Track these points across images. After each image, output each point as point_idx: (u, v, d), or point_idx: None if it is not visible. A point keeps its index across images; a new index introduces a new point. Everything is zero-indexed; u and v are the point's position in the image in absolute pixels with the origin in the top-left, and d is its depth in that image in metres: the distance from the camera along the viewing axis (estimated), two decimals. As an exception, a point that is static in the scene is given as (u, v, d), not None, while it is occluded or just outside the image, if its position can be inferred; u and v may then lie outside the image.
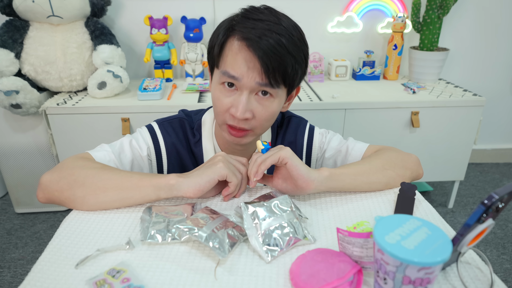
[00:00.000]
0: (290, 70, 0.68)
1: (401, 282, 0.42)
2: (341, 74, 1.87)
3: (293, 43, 0.67)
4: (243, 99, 0.68)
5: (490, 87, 2.12)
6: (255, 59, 0.65)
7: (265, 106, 0.70)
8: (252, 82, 0.67)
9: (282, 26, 0.66)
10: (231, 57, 0.67)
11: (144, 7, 1.77)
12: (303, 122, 0.90)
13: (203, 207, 0.62)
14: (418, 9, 1.77)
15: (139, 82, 1.75)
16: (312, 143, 0.88)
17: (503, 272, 1.47)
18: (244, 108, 0.68)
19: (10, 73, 1.47)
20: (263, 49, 0.64)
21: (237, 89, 0.69)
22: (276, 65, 0.65)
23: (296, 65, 0.69)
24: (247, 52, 0.65)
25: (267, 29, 0.65)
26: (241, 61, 0.66)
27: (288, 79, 0.69)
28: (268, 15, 0.67)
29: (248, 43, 0.65)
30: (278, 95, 0.71)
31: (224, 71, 0.68)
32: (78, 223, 0.62)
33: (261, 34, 0.64)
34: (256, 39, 0.64)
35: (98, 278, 0.49)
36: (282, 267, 0.53)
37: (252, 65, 0.65)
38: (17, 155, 1.64)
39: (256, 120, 0.71)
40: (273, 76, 0.66)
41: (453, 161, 1.73)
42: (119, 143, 0.78)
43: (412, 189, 0.70)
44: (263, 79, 0.66)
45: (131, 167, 0.77)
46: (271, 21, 0.66)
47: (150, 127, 0.83)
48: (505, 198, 0.45)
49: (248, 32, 0.65)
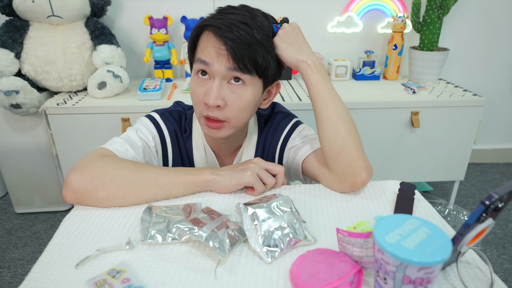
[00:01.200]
0: (260, 60, 0.69)
1: (401, 282, 0.42)
2: (341, 74, 1.87)
3: (265, 35, 0.69)
4: (215, 86, 0.69)
5: (490, 87, 2.12)
6: (222, 46, 0.67)
7: (238, 94, 0.71)
8: (222, 67, 0.68)
9: (255, 19, 0.69)
10: (202, 46, 0.70)
11: (144, 7, 1.77)
12: (288, 117, 0.88)
13: (203, 207, 0.62)
14: (418, 9, 1.77)
15: (139, 82, 1.75)
16: (290, 138, 0.85)
17: (503, 272, 1.47)
18: (215, 94, 0.69)
19: (10, 73, 1.47)
20: (230, 37, 0.66)
21: (210, 77, 0.71)
22: (244, 52, 0.67)
23: (269, 56, 0.70)
24: (215, 39, 0.67)
25: (238, 20, 0.67)
26: (211, 48, 0.68)
27: (260, 69, 0.70)
28: (242, 10, 0.70)
29: (217, 31, 0.67)
30: (252, 83, 0.71)
31: (198, 58, 0.71)
32: (78, 223, 0.62)
33: (230, 24, 0.66)
34: (225, 28, 0.66)
35: (98, 279, 0.49)
36: (282, 267, 0.53)
37: (221, 52, 0.67)
38: (17, 155, 1.64)
39: (229, 109, 0.71)
40: (242, 62, 0.67)
41: (453, 161, 1.73)
42: (125, 136, 0.78)
43: (412, 189, 0.70)
44: (232, 63, 0.68)
45: (143, 156, 0.79)
46: (244, 15, 0.68)
47: (152, 117, 0.84)
48: (505, 198, 0.45)
49: (218, 23, 0.67)
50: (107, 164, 0.67)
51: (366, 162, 0.71)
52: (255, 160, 0.73)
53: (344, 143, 0.70)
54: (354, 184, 0.70)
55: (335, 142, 0.71)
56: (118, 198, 0.66)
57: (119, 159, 0.71)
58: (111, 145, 0.75)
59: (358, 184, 0.70)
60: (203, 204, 0.67)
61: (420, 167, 1.74)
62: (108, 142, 0.76)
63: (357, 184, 0.70)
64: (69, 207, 1.82)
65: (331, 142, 0.71)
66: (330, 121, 0.72)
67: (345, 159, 0.70)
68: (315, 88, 0.73)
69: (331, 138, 0.71)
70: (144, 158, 0.79)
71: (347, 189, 0.72)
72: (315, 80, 0.73)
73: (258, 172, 0.70)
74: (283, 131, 0.86)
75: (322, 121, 0.73)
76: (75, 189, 0.65)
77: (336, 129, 0.71)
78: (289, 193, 0.72)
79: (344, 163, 0.70)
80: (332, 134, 0.71)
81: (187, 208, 0.63)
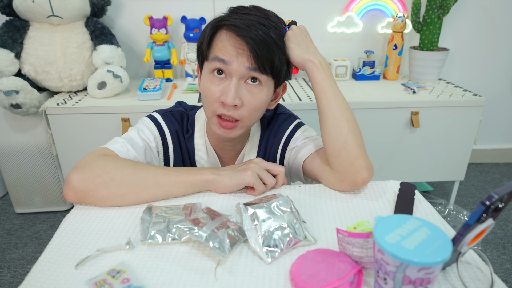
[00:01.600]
0: (277, 61, 0.70)
1: (401, 282, 0.42)
2: (341, 74, 1.87)
3: (279, 35, 0.70)
4: (233, 85, 0.69)
5: (490, 87, 2.12)
6: (244, 45, 0.67)
7: (254, 94, 0.71)
8: (242, 67, 0.68)
9: (270, 20, 0.69)
10: (220, 44, 0.70)
11: (144, 7, 1.77)
12: (291, 118, 0.88)
13: (203, 207, 0.62)
14: (418, 9, 1.77)
15: (139, 82, 1.75)
16: (291, 139, 0.85)
17: (503, 272, 1.47)
18: (234, 93, 0.69)
19: (10, 73, 1.47)
20: (251, 37, 0.66)
21: (227, 76, 0.71)
22: (264, 52, 0.67)
23: (283, 57, 0.72)
24: (236, 39, 0.68)
25: (255, 20, 0.67)
26: (230, 47, 0.68)
27: (275, 70, 0.71)
28: (256, 11, 0.70)
29: (237, 30, 0.67)
30: (267, 84, 0.72)
31: (215, 57, 0.70)
32: (78, 223, 0.62)
33: (249, 24, 0.67)
34: (245, 28, 0.67)
35: (98, 279, 0.49)
36: (282, 268, 0.52)
37: (241, 51, 0.68)
38: (17, 155, 1.64)
39: (245, 108, 0.72)
40: (261, 62, 0.68)
41: (453, 161, 1.73)
42: (127, 136, 0.78)
43: (412, 189, 0.70)
44: (252, 63, 0.68)
45: (144, 156, 0.79)
46: (259, 16, 0.69)
47: (153, 118, 0.84)
48: (505, 198, 0.45)
49: (237, 22, 0.67)
50: (108, 163, 0.67)
51: (368, 161, 0.71)
52: (256, 160, 0.73)
53: (346, 141, 0.71)
54: (355, 183, 0.70)
55: (338, 139, 0.71)
56: (119, 197, 0.66)
57: (120, 158, 0.71)
58: (112, 145, 0.75)
59: (359, 183, 0.70)
60: (203, 204, 0.67)
61: (420, 167, 1.74)
62: (109, 142, 0.76)
63: (358, 183, 0.70)
64: (69, 207, 1.82)
65: (333, 139, 0.72)
66: (334, 119, 0.72)
67: (347, 156, 0.70)
68: (320, 86, 0.74)
69: (333, 136, 0.72)
70: (145, 159, 0.79)
71: (347, 188, 0.72)
72: (321, 79, 0.73)
73: (259, 172, 0.70)
74: (285, 132, 0.86)
75: (325, 119, 0.73)
76: (76, 188, 0.65)
77: (339, 127, 0.72)
78: (289, 193, 0.72)
79: (346, 161, 0.70)
80: (335, 132, 0.72)
81: (187, 208, 0.63)
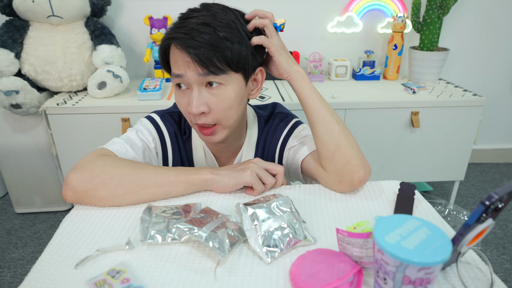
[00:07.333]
0: (229, 54, 0.68)
1: (401, 282, 0.42)
2: (341, 74, 1.87)
3: (229, 28, 0.68)
4: (194, 94, 0.70)
5: (490, 87, 2.12)
6: (186, 55, 0.67)
7: (218, 95, 0.71)
8: (195, 75, 0.68)
9: (215, 17, 0.68)
10: (172, 60, 0.71)
11: (144, 7, 1.77)
12: (288, 118, 0.88)
13: (203, 207, 0.62)
14: (418, 9, 1.77)
15: (139, 82, 1.75)
16: (289, 138, 0.85)
17: (503, 272, 1.47)
18: (197, 102, 0.70)
19: (10, 73, 1.47)
20: (191, 45, 0.66)
21: (188, 87, 0.72)
22: (210, 54, 0.66)
23: (236, 45, 0.69)
24: (180, 51, 0.68)
25: (197, 23, 0.67)
26: (179, 60, 0.69)
27: (234, 64, 0.69)
28: (202, 11, 0.70)
29: (177, 43, 0.68)
30: (230, 80, 0.71)
31: (172, 73, 0.72)
32: (78, 223, 0.62)
33: (190, 30, 0.67)
34: (183, 37, 0.67)
35: (98, 279, 0.49)
36: (282, 268, 0.52)
37: (187, 60, 0.68)
38: (17, 155, 1.64)
39: (215, 112, 0.72)
40: (211, 64, 0.67)
41: (453, 161, 1.73)
42: (126, 137, 0.79)
43: (412, 189, 0.70)
44: (201, 69, 0.68)
45: (143, 157, 0.79)
46: (204, 16, 0.68)
47: (152, 119, 0.84)
48: (505, 198, 0.45)
49: (178, 34, 0.68)
50: (107, 163, 0.67)
51: (363, 159, 0.71)
52: (255, 160, 0.73)
53: (339, 142, 0.71)
54: (352, 183, 0.70)
55: (330, 141, 0.72)
56: (118, 197, 0.66)
57: (119, 158, 0.71)
58: (111, 145, 0.75)
59: (356, 182, 0.70)
60: (203, 204, 0.67)
61: (420, 167, 1.74)
62: (108, 142, 0.76)
63: (355, 182, 0.70)
64: (69, 207, 1.82)
65: (326, 142, 0.72)
66: (324, 121, 0.73)
67: (341, 157, 0.70)
68: (307, 93, 0.75)
69: (326, 139, 0.72)
70: (144, 159, 0.79)
71: (345, 189, 0.72)
72: (308, 86, 0.76)
73: (258, 171, 0.70)
74: (283, 131, 0.86)
75: (316, 123, 0.74)
76: (75, 188, 0.65)
77: (330, 129, 0.72)
78: (289, 193, 0.72)
79: (340, 161, 0.70)
80: (327, 135, 0.72)
81: (186, 208, 0.63)
